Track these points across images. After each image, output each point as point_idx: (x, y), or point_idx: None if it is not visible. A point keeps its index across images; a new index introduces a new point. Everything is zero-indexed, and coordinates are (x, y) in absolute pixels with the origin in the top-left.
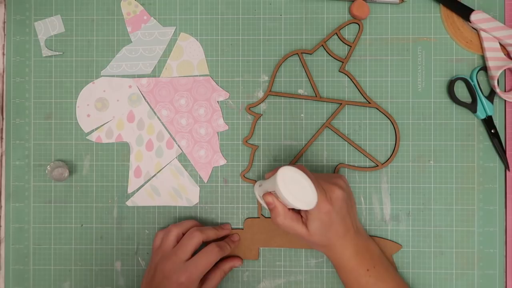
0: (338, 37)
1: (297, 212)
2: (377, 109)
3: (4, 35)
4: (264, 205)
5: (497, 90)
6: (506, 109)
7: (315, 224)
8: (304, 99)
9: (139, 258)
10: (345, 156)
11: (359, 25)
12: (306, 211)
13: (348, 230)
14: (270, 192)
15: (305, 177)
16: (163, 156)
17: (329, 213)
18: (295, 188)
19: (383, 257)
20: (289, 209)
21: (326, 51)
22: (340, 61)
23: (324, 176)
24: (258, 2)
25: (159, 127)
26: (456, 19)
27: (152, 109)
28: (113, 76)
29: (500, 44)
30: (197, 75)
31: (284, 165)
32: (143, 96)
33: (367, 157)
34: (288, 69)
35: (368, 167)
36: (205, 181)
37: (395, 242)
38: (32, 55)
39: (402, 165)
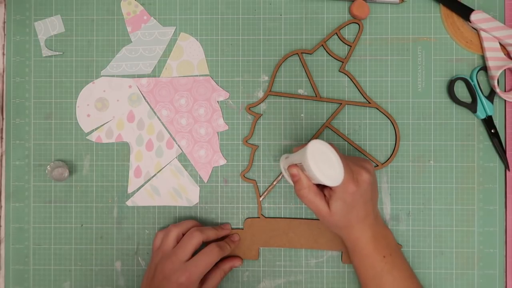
0: (338, 37)
1: (321, 189)
2: (377, 109)
3: (4, 35)
4: (288, 178)
5: (497, 90)
6: (506, 109)
7: (338, 204)
8: (304, 99)
9: (139, 258)
10: None
11: (359, 25)
12: (330, 190)
13: (368, 214)
14: (296, 164)
15: (334, 153)
16: (163, 156)
17: (354, 194)
18: (323, 162)
19: (398, 247)
20: (314, 184)
21: (326, 51)
22: (340, 61)
23: (353, 158)
24: (258, 2)
25: (159, 127)
26: (456, 19)
27: (152, 109)
28: (113, 76)
29: (500, 44)
30: (197, 75)
31: (316, 139)
32: (143, 96)
33: (367, 157)
34: (288, 69)
35: None
36: (205, 181)
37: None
38: (32, 55)
39: (402, 165)
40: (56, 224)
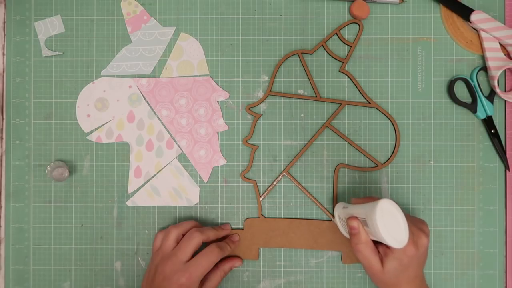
0: (338, 37)
1: (375, 245)
2: (377, 109)
3: (4, 35)
4: (341, 227)
5: (497, 90)
6: (506, 109)
7: (393, 264)
8: (304, 99)
9: (139, 258)
10: (345, 156)
11: (359, 25)
12: (386, 248)
13: (417, 276)
14: (355, 216)
15: (402, 215)
16: (163, 156)
17: (411, 257)
18: (390, 223)
19: None
20: (371, 239)
21: (326, 51)
22: (340, 61)
23: (411, 218)
24: (258, 2)
25: (159, 127)
26: (456, 19)
27: (152, 109)
28: (113, 76)
29: (500, 44)
30: (197, 75)
31: (384, 198)
32: (143, 96)
33: (367, 157)
34: (288, 69)
35: (368, 167)
36: (205, 181)
37: None
38: (32, 55)
39: (402, 165)
40: (56, 224)
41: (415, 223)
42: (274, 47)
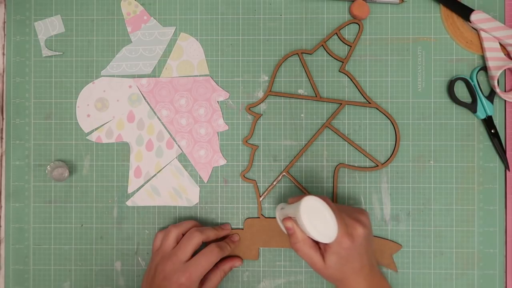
0: (338, 37)
1: (316, 242)
2: (377, 109)
3: (4, 35)
4: (283, 228)
5: (497, 90)
6: (506, 109)
7: (332, 258)
8: (304, 99)
9: (139, 258)
10: (345, 156)
11: (359, 25)
12: (325, 243)
13: (363, 266)
14: (290, 217)
15: (328, 210)
16: (163, 156)
17: (349, 249)
18: (317, 219)
19: None
20: (309, 237)
21: (326, 51)
22: (340, 61)
23: (348, 209)
24: (258, 2)
25: (159, 127)
26: (456, 19)
27: (152, 109)
28: (113, 76)
29: (500, 44)
30: (197, 75)
31: (310, 194)
32: (143, 96)
33: (367, 157)
34: (288, 69)
35: (368, 167)
36: (205, 181)
37: (395, 242)
38: (32, 55)
39: (402, 165)
40: (56, 224)
41: (351, 214)
42: (274, 47)
